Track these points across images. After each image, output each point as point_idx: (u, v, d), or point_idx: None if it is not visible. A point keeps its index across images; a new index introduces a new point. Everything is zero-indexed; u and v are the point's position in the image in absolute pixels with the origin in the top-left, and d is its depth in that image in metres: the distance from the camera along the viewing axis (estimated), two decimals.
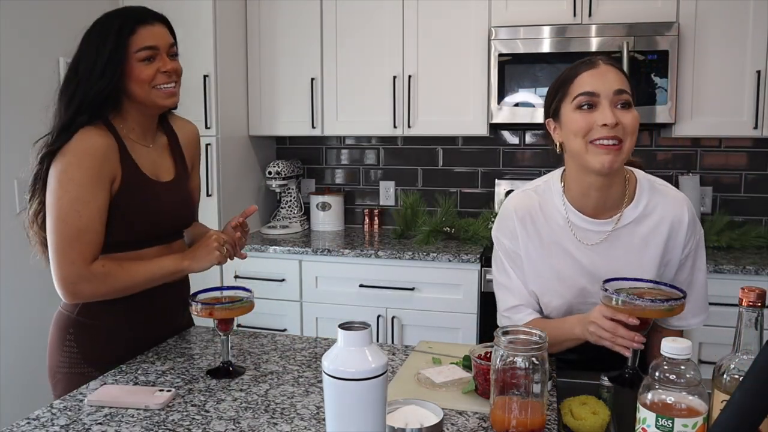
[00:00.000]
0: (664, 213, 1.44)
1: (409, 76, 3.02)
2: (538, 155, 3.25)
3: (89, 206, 1.42)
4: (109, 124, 1.48)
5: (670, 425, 0.93)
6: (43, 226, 1.47)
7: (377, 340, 2.78)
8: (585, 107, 1.35)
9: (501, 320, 1.56)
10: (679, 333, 1.54)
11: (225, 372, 1.42)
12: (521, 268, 1.51)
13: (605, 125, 1.32)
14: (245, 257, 1.64)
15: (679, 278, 1.49)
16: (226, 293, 1.47)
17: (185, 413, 1.22)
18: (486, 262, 2.72)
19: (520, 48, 2.82)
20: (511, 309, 1.53)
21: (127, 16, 1.46)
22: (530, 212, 1.49)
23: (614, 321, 1.26)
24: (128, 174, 1.48)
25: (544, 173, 3.43)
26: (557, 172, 1.53)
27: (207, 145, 2.94)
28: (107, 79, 1.43)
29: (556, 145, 1.45)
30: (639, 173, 1.49)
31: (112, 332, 1.53)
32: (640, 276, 1.40)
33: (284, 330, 2.98)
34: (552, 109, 1.44)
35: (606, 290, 1.28)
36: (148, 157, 1.56)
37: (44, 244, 1.48)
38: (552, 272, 1.48)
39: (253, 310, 1.45)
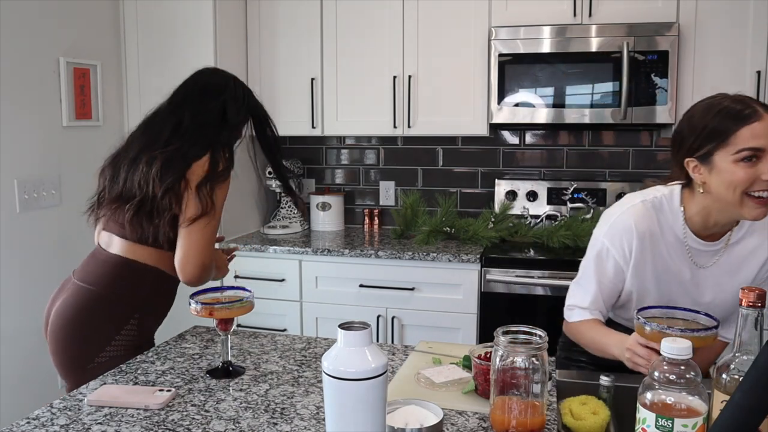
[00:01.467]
0: (764, 233, 1.48)
1: (409, 76, 3.02)
2: (538, 155, 3.25)
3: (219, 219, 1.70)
4: None
5: (670, 425, 0.93)
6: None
7: (377, 340, 2.78)
8: (746, 160, 1.34)
9: (565, 311, 1.60)
10: None
11: (225, 372, 1.42)
12: (613, 281, 1.52)
13: None
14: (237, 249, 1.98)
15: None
16: (226, 293, 1.48)
17: (185, 413, 1.22)
18: (486, 262, 2.72)
19: (520, 48, 2.82)
20: (577, 308, 1.56)
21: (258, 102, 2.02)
22: (650, 229, 1.48)
23: (649, 349, 1.27)
24: None
25: (545, 173, 3.41)
26: (675, 194, 1.50)
27: None
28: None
29: (698, 185, 1.43)
30: None
31: (164, 309, 1.77)
32: (735, 292, 1.42)
33: (284, 330, 2.98)
34: (701, 153, 1.40)
35: (638, 319, 1.30)
36: None
37: (176, 224, 1.65)
38: (655, 287, 1.50)
39: (252, 310, 1.45)
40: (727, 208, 1.40)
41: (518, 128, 3.25)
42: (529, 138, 3.26)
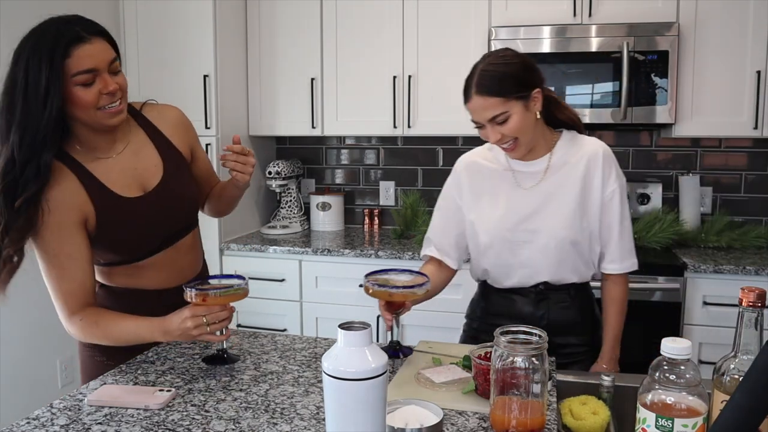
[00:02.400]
0: (581, 153, 1.64)
1: (409, 76, 3.02)
2: None
3: (58, 258, 1.41)
4: (65, 155, 1.41)
5: (670, 425, 0.93)
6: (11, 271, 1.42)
7: (377, 340, 2.78)
8: (478, 129, 1.62)
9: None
10: (621, 279, 1.71)
11: (220, 359, 1.43)
12: (453, 216, 1.75)
13: (496, 142, 1.59)
14: (228, 336, 1.48)
15: (605, 220, 1.65)
16: (221, 281, 1.49)
17: (185, 413, 1.22)
18: None
19: (520, 48, 2.82)
20: (428, 239, 1.82)
21: (59, 36, 1.32)
22: (476, 161, 1.74)
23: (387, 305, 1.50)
24: (100, 204, 1.43)
25: None
26: None
27: (207, 145, 2.94)
28: (51, 108, 1.31)
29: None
30: (565, 131, 1.69)
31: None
32: (558, 212, 1.62)
33: (284, 330, 2.98)
34: None
35: (367, 280, 1.47)
36: (121, 167, 1.49)
37: None
38: (490, 207, 1.68)
39: (247, 297, 1.46)
40: None
41: None
42: None
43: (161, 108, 1.62)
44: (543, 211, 1.62)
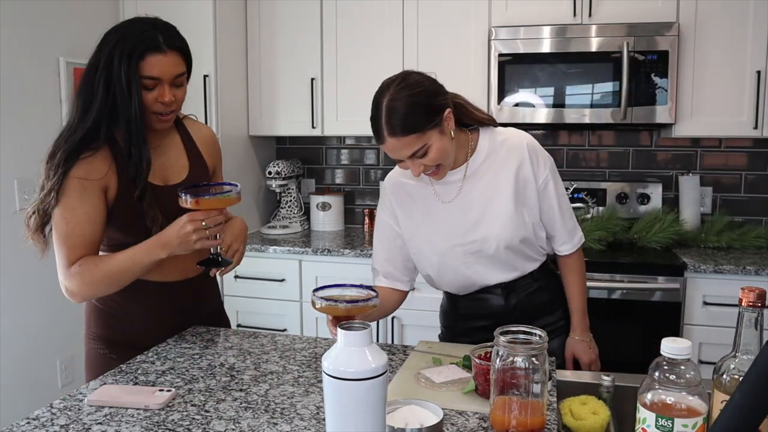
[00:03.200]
0: (505, 148, 1.62)
1: None
2: None
3: (75, 212, 1.47)
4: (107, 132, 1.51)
5: (670, 425, 0.93)
6: (39, 229, 1.53)
7: (377, 340, 2.78)
8: (398, 162, 1.57)
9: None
10: (572, 259, 1.72)
11: (215, 262, 1.51)
12: (394, 244, 1.71)
13: (420, 173, 1.54)
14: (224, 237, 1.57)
15: (545, 207, 1.64)
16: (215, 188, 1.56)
17: (185, 413, 1.22)
18: None
19: (520, 48, 2.82)
20: (374, 270, 1.75)
21: (141, 39, 1.46)
22: (398, 182, 1.71)
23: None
24: (124, 181, 1.51)
25: None
26: None
27: None
28: (135, 101, 1.45)
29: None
30: (483, 129, 1.66)
31: (125, 319, 1.61)
32: (500, 215, 1.59)
33: (284, 330, 2.98)
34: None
35: (314, 295, 1.28)
36: (153, 160, 1.57)
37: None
38: (431, 231, 1.64)
39: (239, 203, 1.53)
40: None
41: (518, 128, 3.25)
42: None
43: (199, 125, 1.77)
44: (484, 218, 1.60)
